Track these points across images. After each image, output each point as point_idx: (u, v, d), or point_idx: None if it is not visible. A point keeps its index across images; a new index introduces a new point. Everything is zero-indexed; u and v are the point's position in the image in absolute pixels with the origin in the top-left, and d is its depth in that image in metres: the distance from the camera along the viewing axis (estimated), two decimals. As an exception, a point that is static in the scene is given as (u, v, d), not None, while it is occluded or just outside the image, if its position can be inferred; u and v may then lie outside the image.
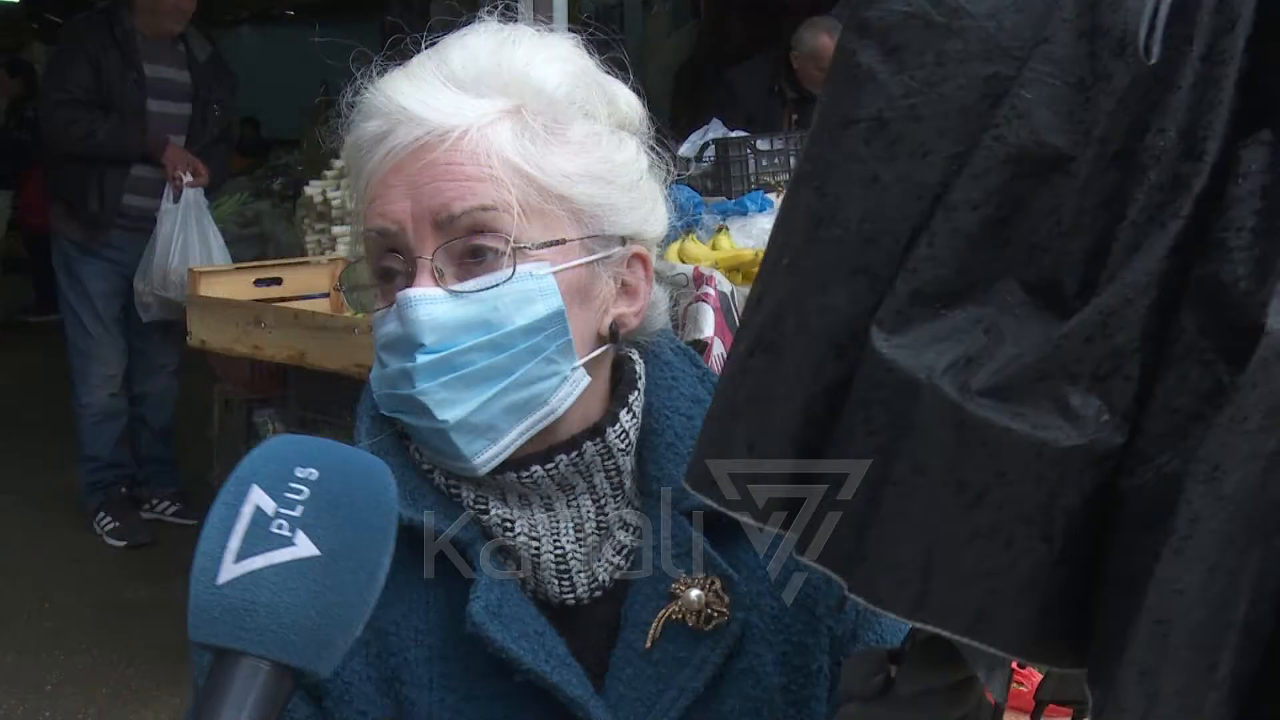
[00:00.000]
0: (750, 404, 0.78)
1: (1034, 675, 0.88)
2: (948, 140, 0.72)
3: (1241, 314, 0.66)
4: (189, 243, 4.62)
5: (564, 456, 1.03)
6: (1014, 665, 0.83)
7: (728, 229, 3.78)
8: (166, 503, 5.41)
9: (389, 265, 1.04)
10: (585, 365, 1.03)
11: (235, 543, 0.74)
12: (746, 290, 0.91)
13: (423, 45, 1.11)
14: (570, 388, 1.02)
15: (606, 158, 1.06)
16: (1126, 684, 0.68)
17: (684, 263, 3.42)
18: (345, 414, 3.28)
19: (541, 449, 1.02)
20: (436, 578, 1.03)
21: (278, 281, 3.62)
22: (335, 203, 4.00)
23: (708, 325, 3.15)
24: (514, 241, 1.01)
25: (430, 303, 0.99)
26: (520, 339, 0.99)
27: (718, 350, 2.99)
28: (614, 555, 1.05)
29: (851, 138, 0.74)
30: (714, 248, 3.68)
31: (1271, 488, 0.67)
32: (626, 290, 1.08)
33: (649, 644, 1.02)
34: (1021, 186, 0.72)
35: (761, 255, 0.95)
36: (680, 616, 1.02)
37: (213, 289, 3.48)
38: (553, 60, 1.06)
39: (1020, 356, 0.71)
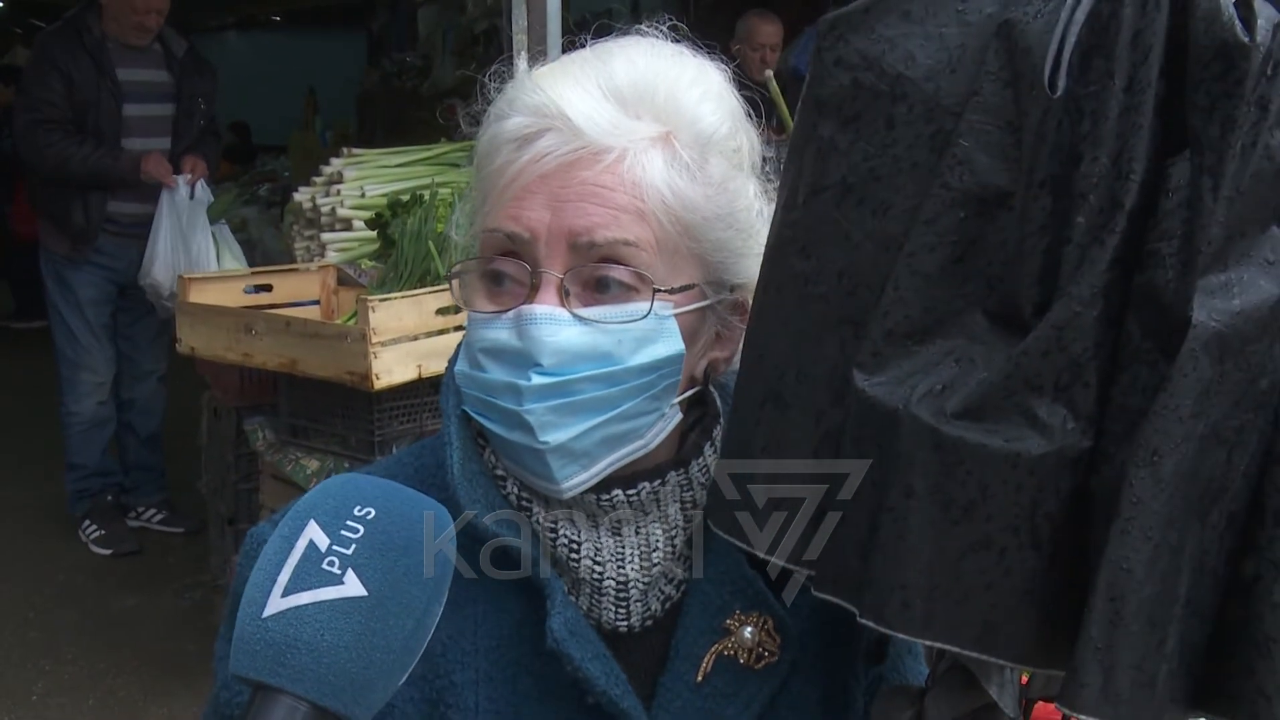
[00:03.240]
0: (765, 452, 0.86)
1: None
2: (904, 195, 0.80)
3: (1173, 312, 0.72)
4: (190, 240, 4.56)
5: (647, 484, 1.01)
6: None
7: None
8: (153, 511, 5.36)
9: (504, 269, 0.98)
10: (679, 402, 1.02)
11: (285, 576, 0.72)
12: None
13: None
14: (664, 424, 1.00)
15: (734, 201, 1.01)
16: (1085, 660, 0.72)
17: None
18: (336, 421, 3.29)
19: (625, 474, 1.00)
20: (486, 600, 1.01)
21: (268, 288, 3.60)
22: (324, 209, 3.98)
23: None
24: (654, 279, 0.97)
25: (555, 323, 0.95)
26: (635, 376, 0.96)
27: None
28: (666, 584, 1.04)
29: (823, 203, 0.83)
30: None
31: (1204, 468, 0.73)
32: (722, 335, 1.05)
33: (700, 678, 1.01)
34: (971, 226, 0.78)
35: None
36: (732, 652, 1.02)
37: (203, 295, 3.46)
38: (710, 93, 1.01)
39: (987, 378, 0.77)
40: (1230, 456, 0.74)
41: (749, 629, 1.02)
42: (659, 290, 0.97)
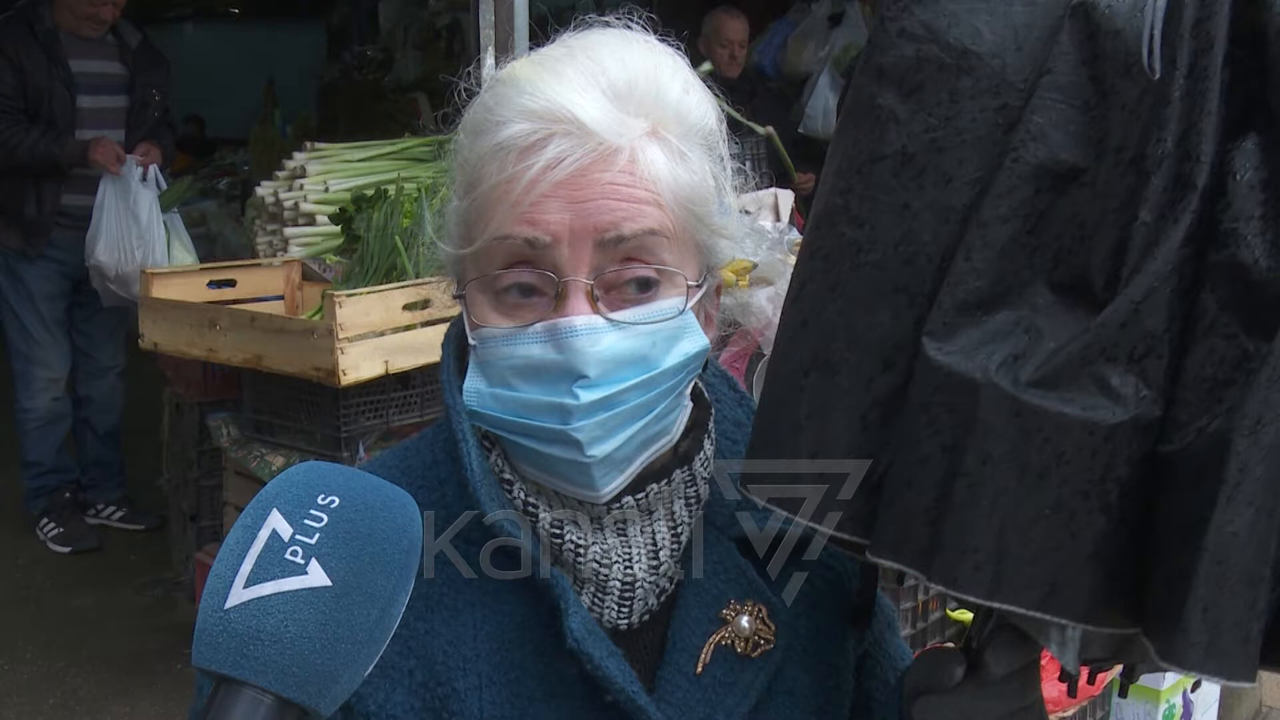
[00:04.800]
0: (811, 417, 0.86)
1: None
2: (968, 166, 0.82)
3: (1264, 289, 0.75)
4: (137, 223, 4.49)
5: (654, 485, 0.99)
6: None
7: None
8: (112, 508, 5.29)
9: (523, 280, 0.94)
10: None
11: (247, 567, 0.71)
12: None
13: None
14: (684, 415, 1.00)
15: (716, 183, 1.00)
16: (1192, 619, 0.75)
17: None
18: (303, 417, 3.27)
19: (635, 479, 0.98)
20: (484, 604, 1.00)
21: (231, 283, 3.57)
22: (287, 204, 3.95)
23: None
24: (680, 272, 0.95)
25: (595, 332, 0.91)
26: (670, 377, 0.95)
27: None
28: (663, 579, 1.03)
29: (880, 171, 0.84)
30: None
31: None
32: (709, 318, 1.04)
33: (699, 669, 1.01)
34: (1044, 200, 0.81)
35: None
36: (730, 642, 1.02)
37: (165, 291, 3.43)
38: (691, 84, 0.99)
39: (1062, 348, 0.79)
40: None
41: (745, 618, 1.02)
42: (691, 285, 0.96)
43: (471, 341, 0.98)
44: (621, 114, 0.93)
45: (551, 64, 0.96)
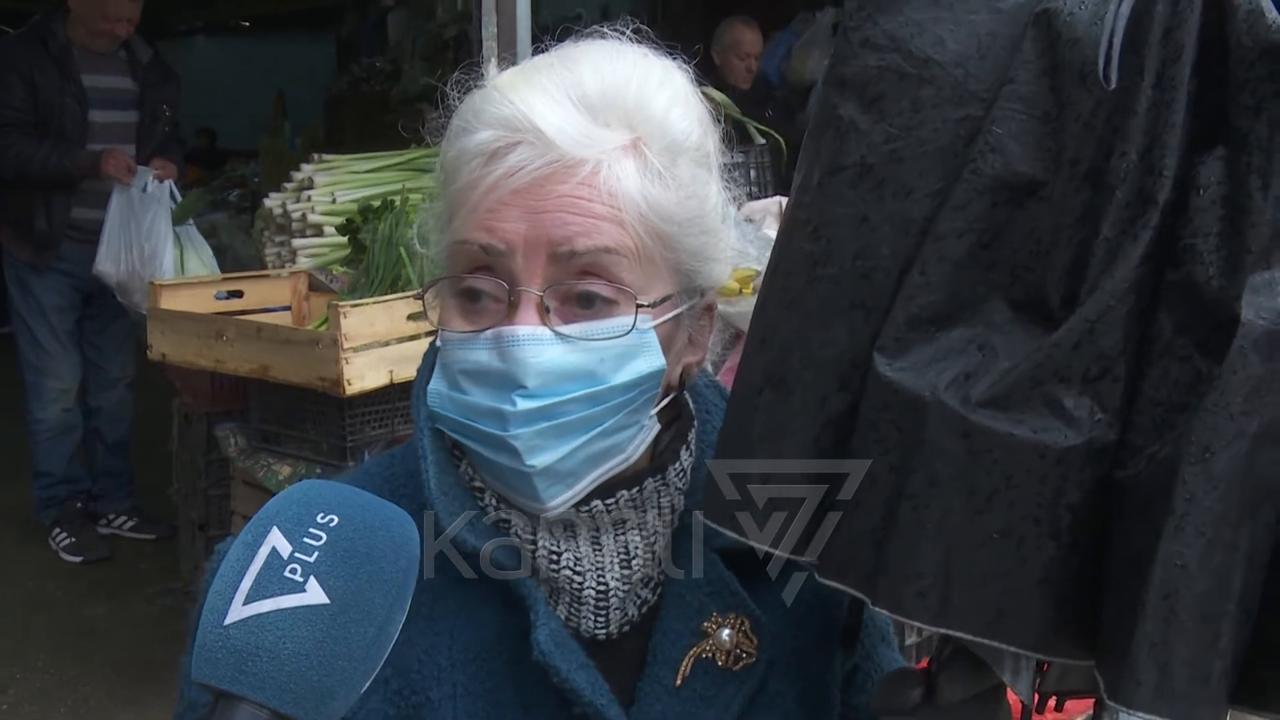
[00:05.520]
0: (763, 439, 0.83)
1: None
2: (928, 178, 0.79)
3: (1216, 310, 0.72)
4: (145, 234, 4.54)
5: (625, 492, 0.98)
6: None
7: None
8: (123, 518, 5.32)
9: (478, 286, 0.95)
10: (656, 412, 0.99)
11: (247, 584, 0.72)
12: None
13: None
14: (645, 435, 0.98)
15: (703, 204, 0.99)
16: (1139, 657, 0.72)
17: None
18: (309, 427, 3.29)
19: (603, 484, 0.97)
20: (460, 613, 0.99)
21: (239, 294, 3.60)
22: (295, 215, 3.98)
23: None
24: (635, 292, 0.94)
25: (538, 344, 0.91)
26: (618, 394, 0.94)
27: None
28: (643, 589, 1.02)
29: (840, 183, 0.81)
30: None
31: (1258, 466, 0.72)
32: (694, 339, 1.03)
33: (679, 681, 1.00)
34: (1001, 213, 0.78)
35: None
36: (710, 655, 1.01)
37: (174, 302, 3.46)
38: (678, 96, 0.98)
39: (1015, 367, 0.76)
40: None
41: (726, 631, 1.01)
42: (640, 305, 0.94)
43: (437, 343, 0.98)
44: (592, 125, 0.93)
45: (530, 73, 0.97)
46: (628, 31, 1.01)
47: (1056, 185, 0.77)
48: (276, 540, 0.74)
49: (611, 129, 0.94)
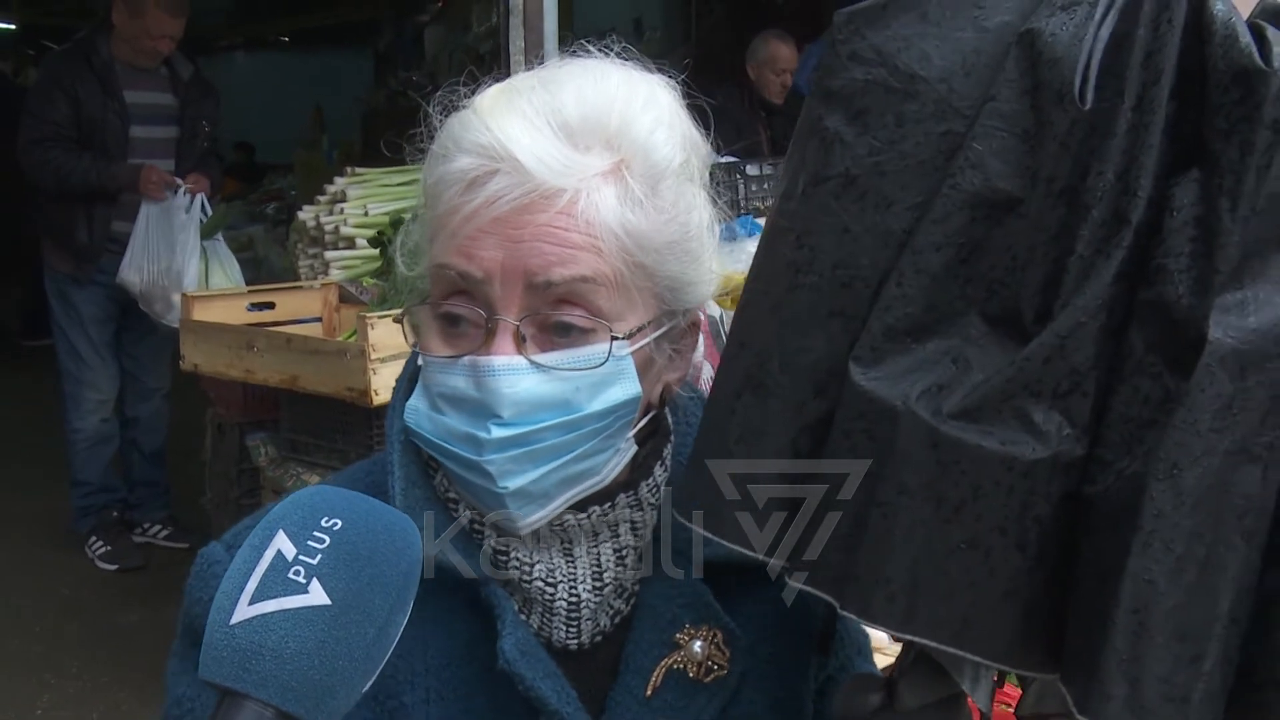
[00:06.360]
0: (740, 442, 0.84)
1: (1017, 694, 0.91)
2: (910, 191, 0.80)
3: (1186, 328, 0.73)
4: (170, 246, 4.61)
5: (597, 508, 0.99)
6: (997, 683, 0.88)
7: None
8: (158, 526, 5.39)
9: (457, 312, 0.95)
10: (634, 434, 1.00)
11: (252, 585, 0.74)
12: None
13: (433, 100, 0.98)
14: (620, 458, 0.99)
15: (688, 223, 0.99)
16: (1109, 671, 0.72)
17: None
18: (337, 437, 3.32)
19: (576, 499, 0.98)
20: (436, 620, 0.99)
21: (271, 306, 3.64)
22: (328, 227, 4.02)
23: (698, 349, 3.18)
24: (609, 324, 0.95)
25: (514, 374, 0.92)
26: (593, 421, 0.95)
27: (706, 374, 3.02)
28: (616, 599, 1.03)
29: (823, 193, 0.82)
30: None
31: (1237, 485, 0.73)
32: (674, 358, 1.03)
33: (649, 692, 1.01)
34: (979, 228, 0.79)
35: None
36: (681, 666, 1.01)
37: (206, 313, 3.50)
38: (662, 119, 0.98)
39: (986, 380, 0.77)
40: (1266, 473, 0.74)
41: (698, 643, 1.02)
42: (616, 336, 0.95)
43: (419, 363, 0.99)
44: (571, 152, 0.93)
45: (512, 96, 0.97)
46: (615, 50, 1.01)
47: (1033, 202, 0.78)
48: (282, 543, 0.76)
49: (592, 154, 0.94)
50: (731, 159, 4.69)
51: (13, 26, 13.09)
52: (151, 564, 5.21)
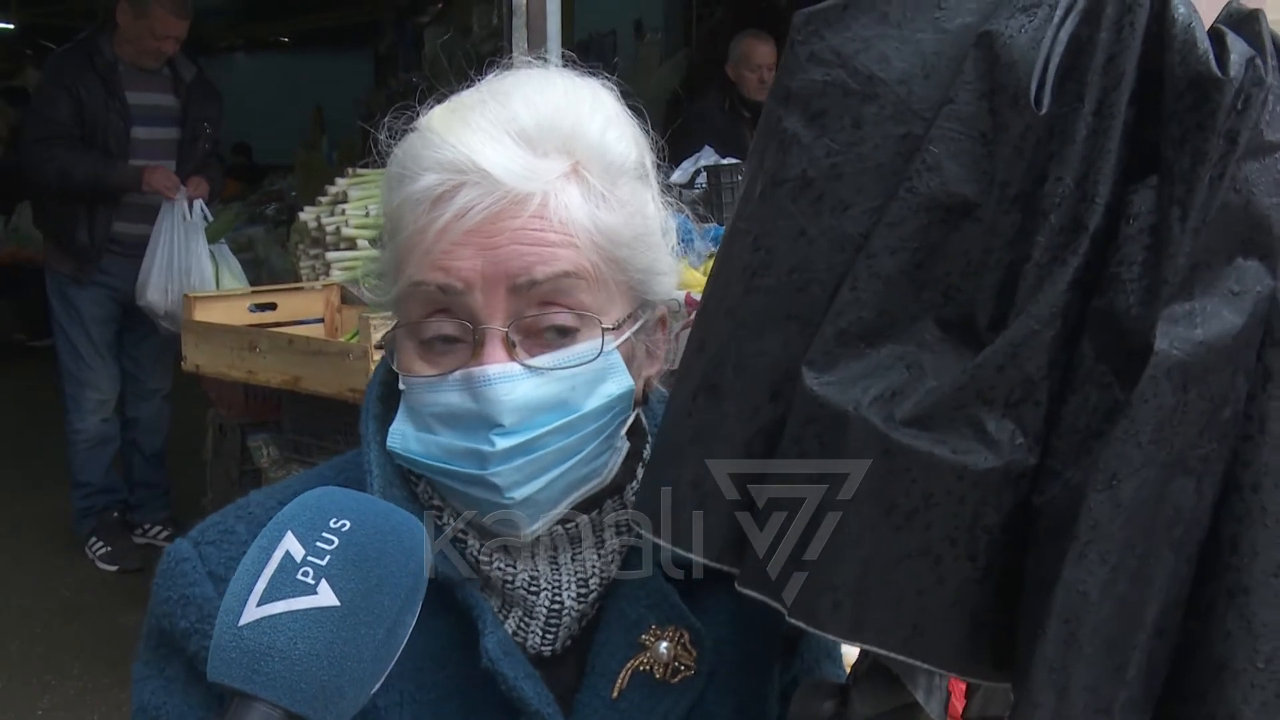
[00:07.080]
0: (694, 444, 0.83)
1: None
2: (867, 195, 0.79)
3: (1133, 338, 0.72)
4: (186, 261, 4.61)
5: (584, 516, 0.99)
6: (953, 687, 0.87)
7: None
8: (159, 527, 5.38)
9: (442, 330, 0.95)
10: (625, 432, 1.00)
11: (261, 586, 0.74)
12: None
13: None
14: (618, 457, 0.99)
15: (647, 220, 1.00)
16: (1037, 679, 0.71)
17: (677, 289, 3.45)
18: (339, 438, 3.32)
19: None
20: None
21: (272, 307, 3.64)
22: (329, 228, 4.03)
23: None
24: (597, 317, 0.95)
25: (510, 380, 0.92)
26: (592, 420, 0.95)
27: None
28: (585, 605, 1.02)
29: (780, 195, 0.81)
30: (706, 274, 3.70)
31: (1171, 497, 0.72)
32: (651, 352, 1.04)
33: (616, 694, 1.00)
34: (935, 233, 0.78)
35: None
36: (648, 668, 1.01)
37: (208, 314, 3.51)
38: (612, 119, 0.99)
39: (940, 387, 0.76)
40: (1200, 486, 0.74)
41: (664, 644, 1.01)
42: (606, 328, 0.95)
43: (401, 386, 0.98)
44: (533, 158, 0.94)
45: (464, 112, 0.96)
46: (552, 59, 1.03)
47: (989, 207, 0.77)
48: (290, 544, 0.76)
49: (551, 159, 0.95)
50: (734, 160, 4.69)
51: (11, 26, 13.09)
52: (152, 565, 5.16)
